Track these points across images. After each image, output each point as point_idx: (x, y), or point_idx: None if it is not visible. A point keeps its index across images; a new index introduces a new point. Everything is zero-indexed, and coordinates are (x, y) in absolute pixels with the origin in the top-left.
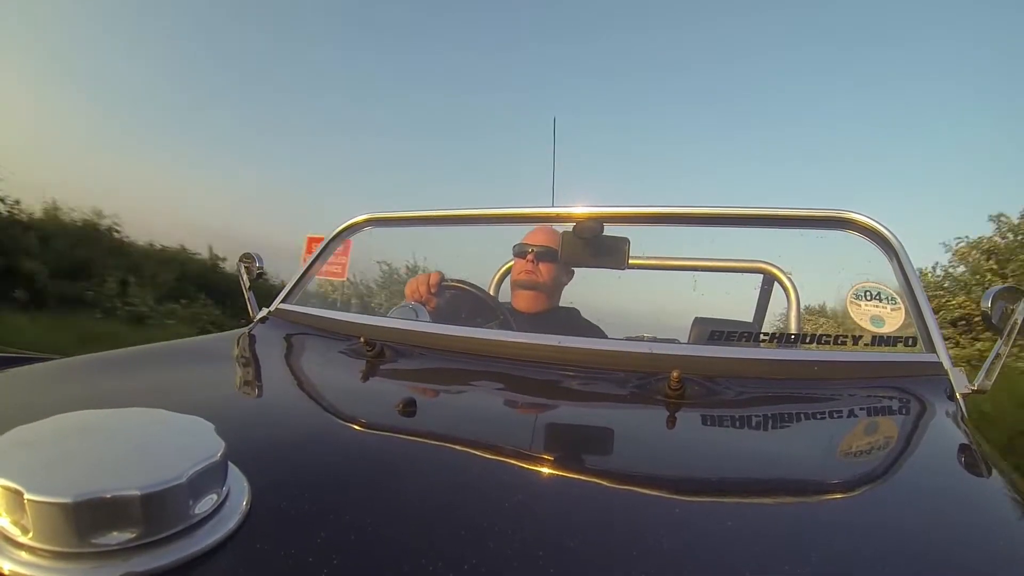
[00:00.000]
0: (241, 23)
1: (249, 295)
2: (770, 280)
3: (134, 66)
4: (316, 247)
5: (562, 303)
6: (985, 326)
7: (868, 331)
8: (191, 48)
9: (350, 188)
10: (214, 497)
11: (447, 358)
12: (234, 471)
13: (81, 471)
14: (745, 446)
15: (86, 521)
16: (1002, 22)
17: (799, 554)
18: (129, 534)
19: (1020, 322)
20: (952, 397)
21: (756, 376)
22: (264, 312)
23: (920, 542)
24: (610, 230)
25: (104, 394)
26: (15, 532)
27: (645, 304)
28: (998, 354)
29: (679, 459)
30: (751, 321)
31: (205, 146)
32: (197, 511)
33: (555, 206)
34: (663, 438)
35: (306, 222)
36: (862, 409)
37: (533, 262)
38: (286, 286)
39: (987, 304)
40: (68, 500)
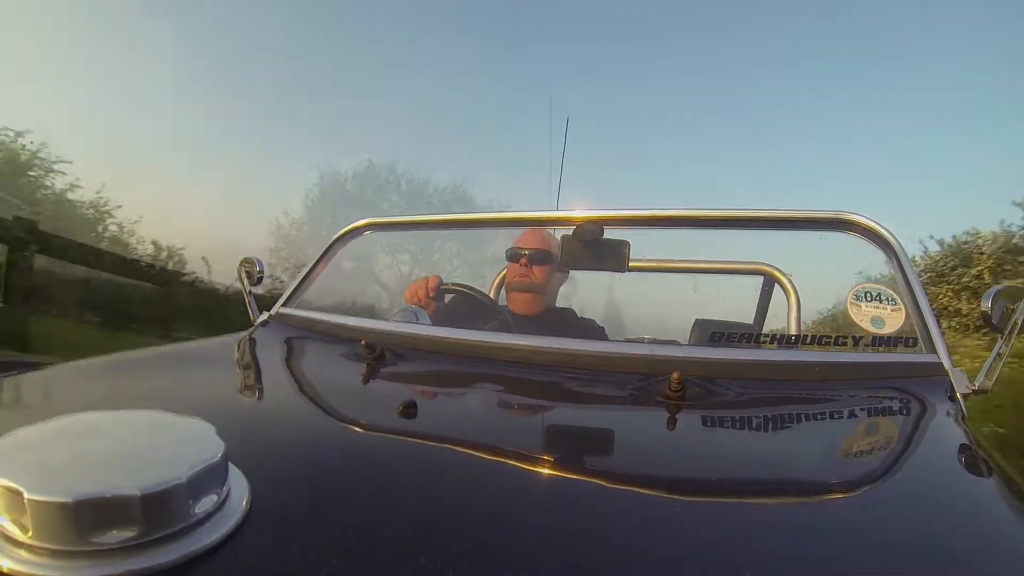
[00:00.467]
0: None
1: (250, 299)
2: (770, 282)
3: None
4: None
5: (562, 304)
6: (986, 326)
7: (868, 332)
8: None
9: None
10: (214, 497)
11: (447, 361)
12: (234, 471)
13: (81, 471)
14: (746, 447)
15: (86, 520)
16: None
17: (800, 554)
18: (129, 533)
19: (1020, 322)
20: (953, 397)
21: (756, 377)
22: (265, 316)
23: (921, 542)
24: (610, 233)
25: (105, 397)
26: (15, 531)
27: (646, 306)
28: (999, 354)
29: (679, 461)
30: (751, 323)
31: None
32: (197, 511)
33: (559, 209)
34: (663, 440)
35: None
36: (863, 410)
37: (527, 265)
38: (287, 290)
39: (987, 304)
40: (68, 499)
